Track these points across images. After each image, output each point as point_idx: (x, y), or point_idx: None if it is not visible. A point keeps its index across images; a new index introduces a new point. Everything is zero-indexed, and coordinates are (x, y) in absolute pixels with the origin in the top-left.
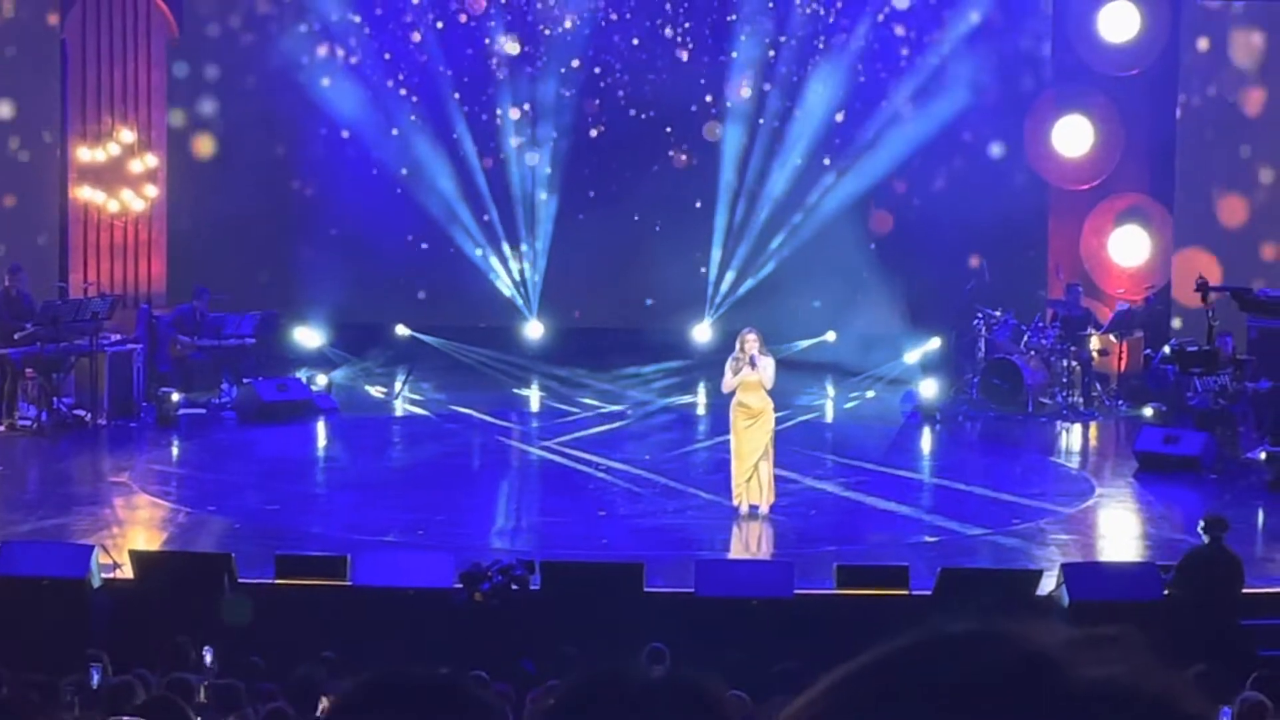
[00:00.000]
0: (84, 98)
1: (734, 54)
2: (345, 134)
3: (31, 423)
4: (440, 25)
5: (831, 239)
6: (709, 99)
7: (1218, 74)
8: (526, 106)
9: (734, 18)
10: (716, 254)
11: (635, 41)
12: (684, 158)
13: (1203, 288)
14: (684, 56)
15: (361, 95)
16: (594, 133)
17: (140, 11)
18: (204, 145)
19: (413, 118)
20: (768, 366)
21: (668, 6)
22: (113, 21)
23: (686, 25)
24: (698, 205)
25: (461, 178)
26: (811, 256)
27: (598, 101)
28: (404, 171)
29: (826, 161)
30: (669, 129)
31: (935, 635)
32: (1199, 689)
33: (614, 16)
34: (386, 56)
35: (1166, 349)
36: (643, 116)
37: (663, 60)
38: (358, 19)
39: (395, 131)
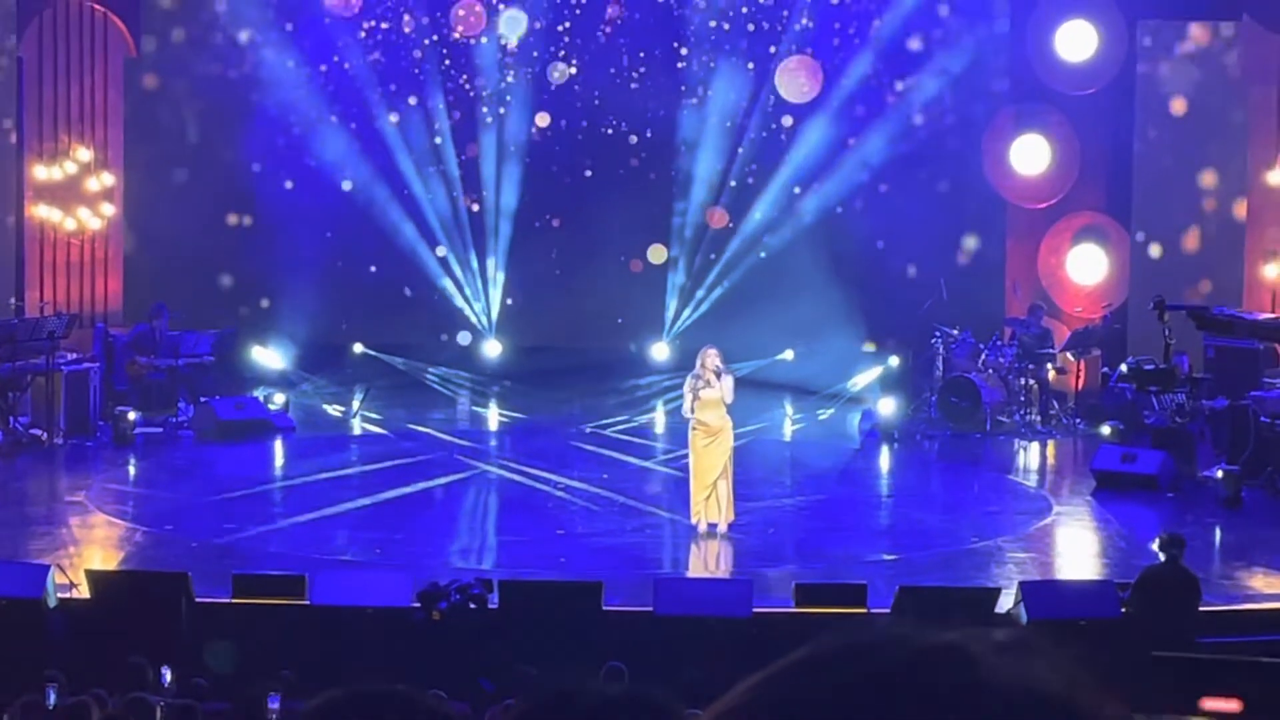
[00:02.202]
0: (40, 116)
1: (712, 62)
2: (311, 162)
3: None
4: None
5: (790, 259)
6: (668, 115)
7: (1174, 92)
8: (489, 119)
9: (684, 50)
10: (675, 275)
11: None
12: (650, 175)
13: (1159, 305)
14: (636, 78)
15: (320, 115)
16: (554, 151)
17: (97, 30)
18: (161, 163)
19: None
20: (728, 384)
21: (622, 40)
22: (70, 40)
23: (641, 55)
24: (655, 224)
25: (419, 197)
26: (770, 276)
27: (563, 123)
28: (347, 185)
29: (797, 190)
30: (633, 140)
31: (857, 637)
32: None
33: (577, 40)
34: (347, 66)
35: (1123, 367)
36: (607, 131)
37: (623, 82)
38: (318, 42)
39: (353, 150)
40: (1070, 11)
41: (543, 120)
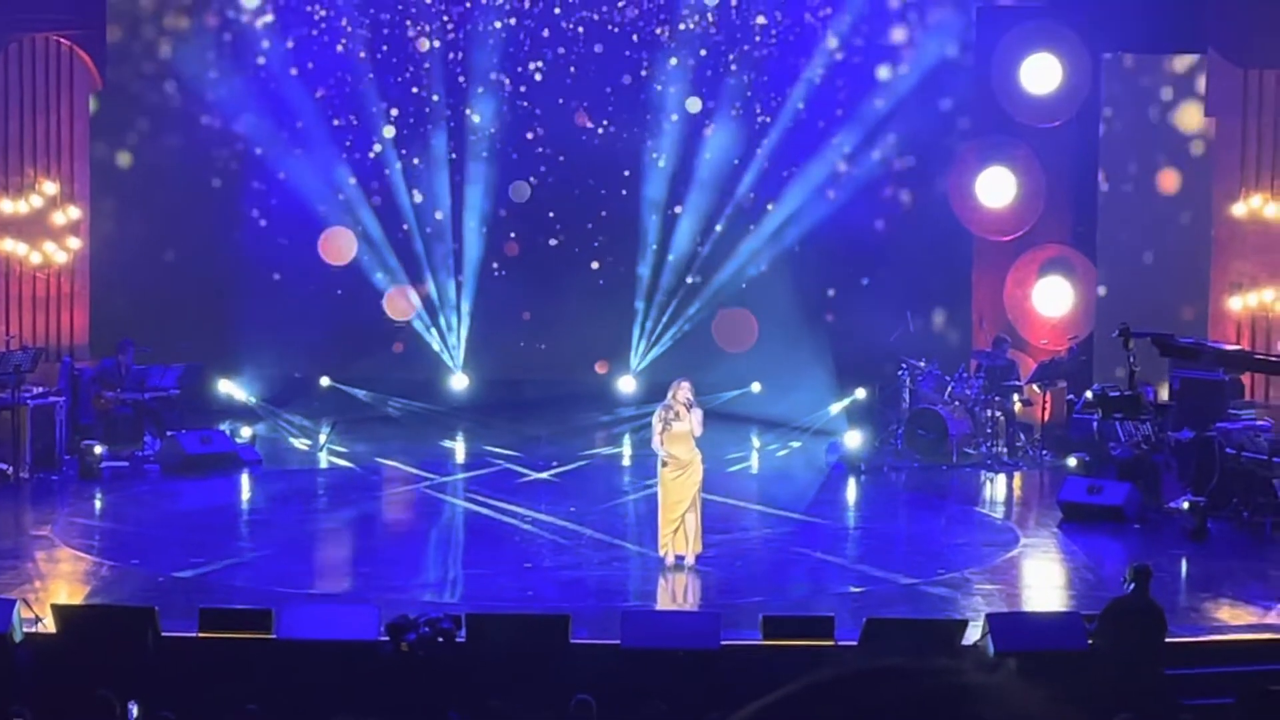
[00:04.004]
0: (6, 149)
1: (679, 89)
2: (278, 196)
3: None
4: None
5: (756, 291)
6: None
7: (1138, 126)
8: (452, 155)
9: (650, 82)
10: (641, 306)
11: (560, 102)
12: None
13: (1124, 332)
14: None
15: (287, 147)
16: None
17: (63, 62)
18: (127, 197)
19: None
20: (697, 417)
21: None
22: (35, 72)
23: (609, 91)
24: (623, 256)
25: (387, 230)
26: (737, 308)
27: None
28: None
29: (751, 228)
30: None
31: (863, 667)
32: None
33: (539, 77)
34: (318, 94)
35: (1089, 394)
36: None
37: (591, 112)
38: (291, 71)
39: (321, 183)
40: (1035, 45)
41: (520, 194)
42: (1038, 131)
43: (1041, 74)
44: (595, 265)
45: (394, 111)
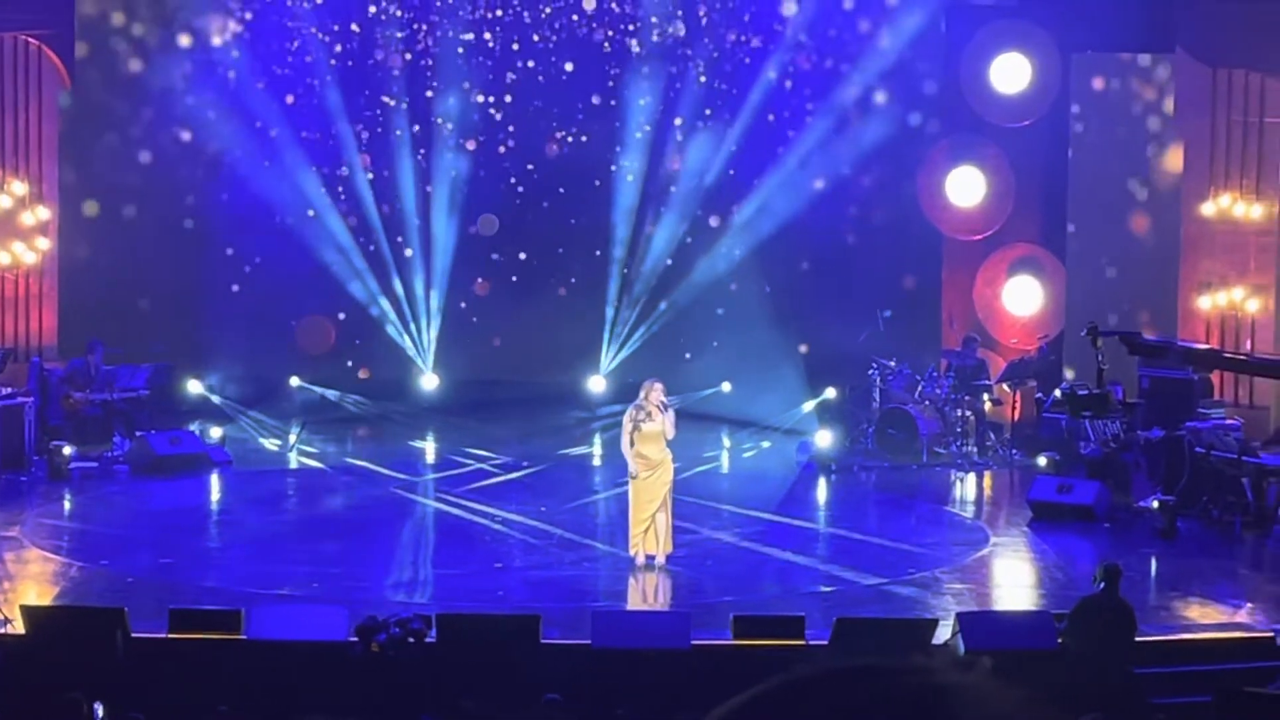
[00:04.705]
0: None
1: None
2: (248, 197)
3: None
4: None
5: (726, 292)
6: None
7: (1108, 125)
8: (421, 155)
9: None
10: (611, 309)
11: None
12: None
13: (1092, 331)
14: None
15: (258, 148)
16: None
17: (31, 63)
18: (95, 199)
19: (310, 168)
20: (670, 418)
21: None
22: (3, 73)
23: (580, 106)
24: (593, 259)
25: (358, 230)
26: (707, 309)
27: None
28: (301, 217)
29: (714, 222)
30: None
31: (835, 666)
32: None
33: (511, 76)
34: (289, 99)
35: (1057, 393)
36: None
37: (560, 121)
38: (260, 82)
39: (290, 185)
40: (1005, 45)
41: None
42: (1007, 131)
43: (1011, 73)
44: (562, 292)
45: (362, 130)
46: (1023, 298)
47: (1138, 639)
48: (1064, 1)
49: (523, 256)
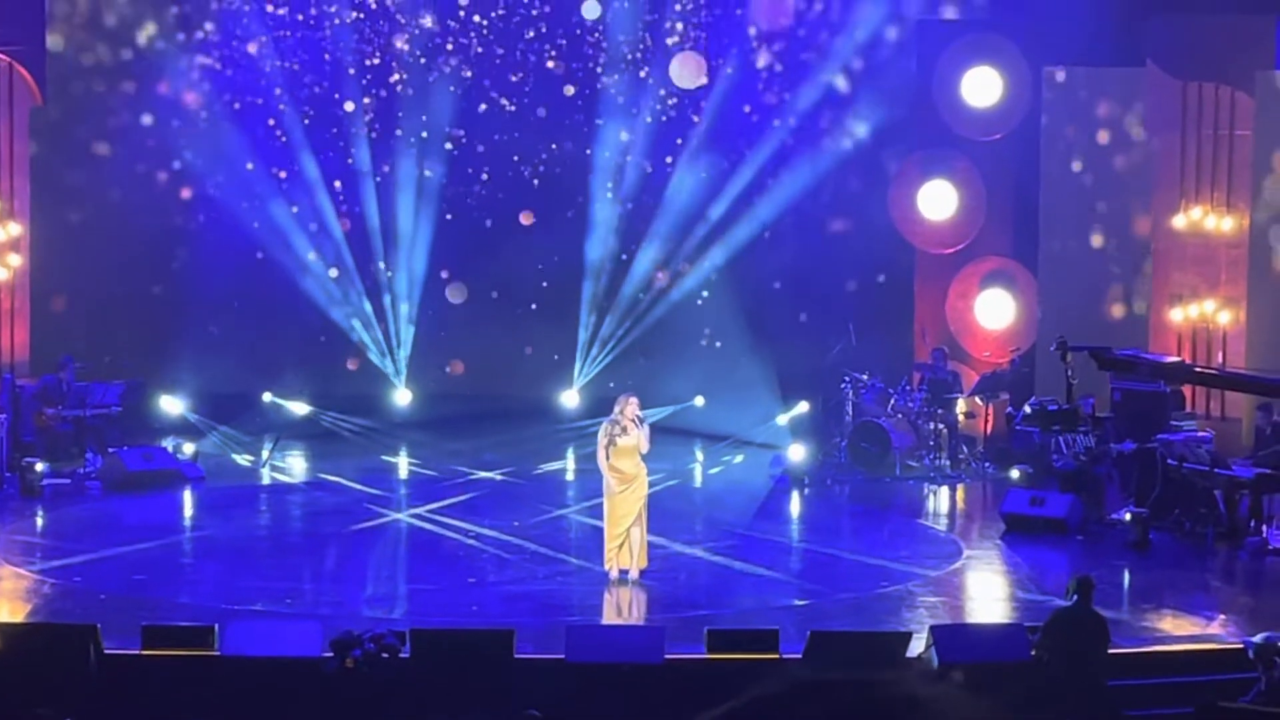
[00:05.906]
0: None
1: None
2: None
3: None
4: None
5: (699, 305)
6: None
7: (1078, 137)
8: (386, 169)
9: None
10: (584, 322)
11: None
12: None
13: (1062, 346)
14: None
15: (229, 163)
16: (467, 200)
17: (3, 80)
18: (68, 215)
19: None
20: (645, 433)
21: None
22: None
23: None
24: (565, 272)
25: (327, 245)
26: (680, 322)
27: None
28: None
29: (685, 238)
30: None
31: (810, 679)
32: None
33: (487, 82)
34: (260, 102)
35: (1027, 408)
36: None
37: (530, 130)
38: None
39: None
40: (976, 58)
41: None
42: (979, 144)
43: (982, 87)
44: (534, 307)
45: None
46: (995, 311)
47: (1111, 651)
48: (1035, 16)
49: (495, 295)
